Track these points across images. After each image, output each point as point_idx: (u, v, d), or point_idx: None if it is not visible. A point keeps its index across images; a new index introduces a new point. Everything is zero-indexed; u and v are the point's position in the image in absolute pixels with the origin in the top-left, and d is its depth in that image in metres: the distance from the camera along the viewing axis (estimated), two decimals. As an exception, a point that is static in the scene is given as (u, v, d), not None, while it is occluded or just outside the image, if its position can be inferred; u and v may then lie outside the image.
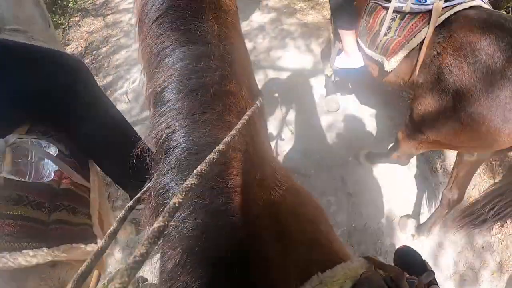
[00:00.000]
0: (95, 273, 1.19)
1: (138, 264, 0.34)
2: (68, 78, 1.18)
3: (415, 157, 2.59)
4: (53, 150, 1.05)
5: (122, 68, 3.74)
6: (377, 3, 1.84)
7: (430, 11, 1.58)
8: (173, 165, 0.56)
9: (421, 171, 2.56)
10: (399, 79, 1.85)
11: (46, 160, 1.05)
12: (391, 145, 2.16)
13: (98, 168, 1.44)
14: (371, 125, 2.85)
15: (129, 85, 3.46)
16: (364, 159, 2.51)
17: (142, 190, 0.64)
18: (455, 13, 1.52)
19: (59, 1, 5.85)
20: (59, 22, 5.27)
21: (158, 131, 0.59)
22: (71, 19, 5.29)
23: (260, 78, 3.22)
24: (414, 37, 1.64)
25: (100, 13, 5.00)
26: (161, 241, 0.45)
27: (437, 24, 1.55)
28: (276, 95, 3.09)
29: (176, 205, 0.41)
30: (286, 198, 0.66)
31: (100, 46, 4.27)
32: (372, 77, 2.16)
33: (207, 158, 0.49)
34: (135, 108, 3.24)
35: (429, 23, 1.57)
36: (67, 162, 1.17)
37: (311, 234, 0.66)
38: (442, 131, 1.55)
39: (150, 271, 1.86)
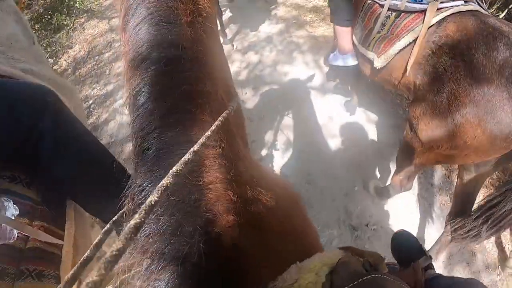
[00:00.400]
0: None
1: (115, 258, 0.36)
2: (33, 116, 1.04)
3: (420, 188, 2.44)
4: (12, 212, 0.92)
5: (124, 77, 3.61)
6: (374, 1, 1.82)
7: (425, 10, 1.55)
8: (147, 166, 0.58)
9: (425, 199, 2.43)
10: (392, 78, 1.81)
11: (10, 218, 0.93)
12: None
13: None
14: (379, 151, 2.69)
15: (130, 96, 3.34)
16: (374, 191, 2.38)
17: (119, 212, 0.62)
18: (451, 14, 1.50)
19: (66, 1, 5.78)
20: (64, 23, 5.19)
21: (134, 134, 0.62)
22: (76, 21, 5.20)
23: (265, 95, 3.09)
24: (407, 35, 1.62)
25: (106, 16, 4.89)
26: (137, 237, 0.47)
27: (432, 24, 1.53)
28: (281, 112, 2.95)
29: (152, 203, 0.43)
30: (263, 194, 0.68)
31: (103, 51, 4.16)
32: (365, 76, 2.14)
33: (183, 158, 0.50)
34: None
35: (423, 22, 1.55)
36: (37, 214, 1.04)
37: (288, 227, 0.69)
38: (437, 136, 1.49)
39: None
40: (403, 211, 2.35)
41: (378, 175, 2.57)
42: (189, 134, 0.60)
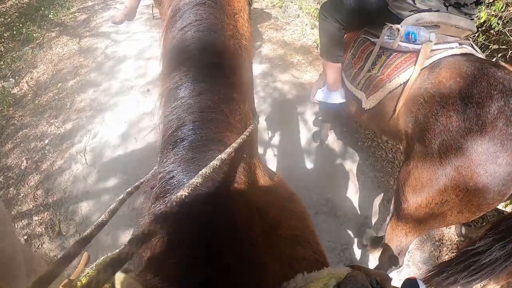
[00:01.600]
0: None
1: (147, 236, 0.46)
2: None
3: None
4: None
5: (84, 114, 3.24)
6: (366, 38, 1.77)
7: (418, 51, 1.51)
8: (180, 155, 0.61)
9: None
10: (381, 122, 1.74)
11: None
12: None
13: None
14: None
15: (89, 140, 2.97)
16: (369, 242, 2.21)
17: (140, 181, 0.70)
18: (445, 57, 1.47)
19: (42, 9, 5.35)
20: (34, 35, 4.77)
21: (169, 121, 0.65)
22: (47, 34, 4.78)
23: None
24: (398, 76, 1.57)
25: (77, 33, 4.50)
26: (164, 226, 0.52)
27: (424, 66, 1.49)
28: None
29: (183, 197, 0.51)
30: (275, 195, 0.77)
31: (67, 77, 3.77)
32: (352, 115, 2.04)
33: (211, 163, 0.57)
34: (92, 174, 2.75)
35: (415, 64, 1.51)
36: None
37: (298, 231, 0.72)
38: (427, 191, 1.40)
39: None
40: None
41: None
42: (221, 134, 0.64)
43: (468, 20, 1.60)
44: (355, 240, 2.29)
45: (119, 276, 0.49)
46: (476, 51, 1.57)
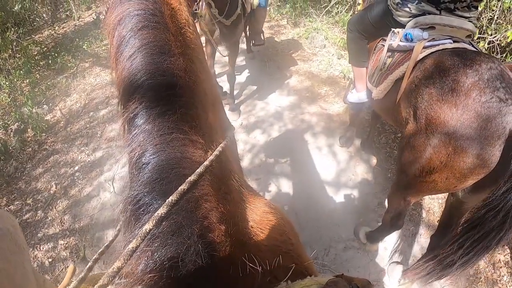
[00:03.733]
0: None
1: (115, 274, 0.53)
2: None
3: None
4: None
5: (115, 143, 3.30)
6: (381, 44, 2.05)
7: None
8: (145, 178, 0.62)
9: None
10: (389, 110, 1.97)
11: None
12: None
13: None
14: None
15: (118, 169, 2.99)
16: (364, 238, 2.35)
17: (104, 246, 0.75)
18: (436, 51, 1.64)
19: (76, 40, 5.63)
20: (69, 64, 4.99)
21: (132, 151, 0.67)
22: (81, 64, 4.99)
23: (270, 188, 2.71)
24: (397, 69, 1.82)
25: (110, 65, 4.67)
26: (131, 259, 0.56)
27: (418, 60, 1.70)
28: (290, 211, 2.55)
29: (147, 231, 0.55)
30: (252, 210, 0.78)
31: (99, 107, 3.88)
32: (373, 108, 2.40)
33: (179, 188, 0.60)
34: (120, 202, 2.75)
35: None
36: None
37: (279, 243, 0.74)
38: (418, 162, 1.56)
39: None
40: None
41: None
42: (183, 151, 0.66)
43: (464, 21, 1.77)
44: (386, 275, 2.20)
45: None
46: (475, 48, 1.73)
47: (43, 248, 2.58)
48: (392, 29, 1.92)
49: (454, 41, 1.72)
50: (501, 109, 1.31)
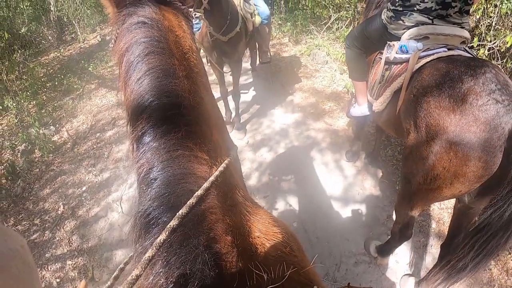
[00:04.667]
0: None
1: (133, 282, 0.57)
2: None
3: None
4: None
5: (122, 164, 3.32)
6: (379, 57, 2.09)
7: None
8: (154, 193, 0.66)
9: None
10: (390, 122, 2.01)
11: None
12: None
13: None
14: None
15: (125, 190, 3.00)
16: (375, 251, 2.32)
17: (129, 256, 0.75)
18: (431, 60, 1.69)
19: (82, 62, 5.72)
20: (75, 86, 5.06)
21: (140, 167, 0.71)
22: (87, 86, 5.06)
23: (278, 206, 2.70)
24: (395, 81, 1.87)
25: (115, 86, 4.73)
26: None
27: (414, 70, 1.75)
28: (299, 228, 2.54)
29: (162, 241, 0.59)
30: (257, 222, 0.78)
31: (105, 128, 3.91)
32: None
33: (188, 202, 0.64)
34: (128, 223, 2.75)
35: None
36: None
37: (283, 254, 0.74)
38: (422, 170, 1.58)
39: None
40: None
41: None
42: (189, 167, 0.70)
43: (456, 28, 1.81)
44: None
45: None
46: (470, 53, 1.76)
47: (51, 268, 2.57)
48: (388, 42, 1.97)
49: (449, 49, 1.75)
50: (499, 110, 1.33)
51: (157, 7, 0.89)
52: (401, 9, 1.89)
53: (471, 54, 1.77)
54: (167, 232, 0.60)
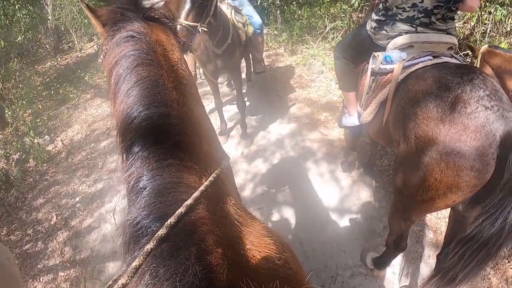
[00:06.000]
0: None
1: None
2: None
3: None
4: None
5: (116, 175, 3.29)
6: (367, 67, 2.07)
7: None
8: (143, 201, 0.66)
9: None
10: (380, 133, 2.00)
11: None
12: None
13: None
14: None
15: (119, 201, 2.98)
16: (371, 263, 2.28)
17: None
18: (416, 69, 1.67)
19: (78, 71, 5.72)
20: (70, 96, 5.05)
21: (129, 176, 0.72)
22: (83, 95, 5.05)
23: (273, 218, 2.68)
24: (381, 92, 1.87)
25: (110, 101, 4.73)
26: None
27: (400, 80, 1.73)
28: (295, 240, 2.51)
29: (149, 250, 0.59)
30: (249, 233, 0.77)
31: (100, 138, 3.90)
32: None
33: (177, 211, 0.64)
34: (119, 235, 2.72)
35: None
36: None
37: (277, 266, 0.73)
38: (413, 182, 1.55)
39: None
40: None
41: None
42: (178, 176, 0.71)
43: (442, 34, 1.80)
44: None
45: None
46: (457, 59, 1.74)
47: (42, 280, 2.53)
48: (373, 53, 1.96)
49: (434, 57, 1.73)
50: (488, 117, 1.30)
51: (145, 23, 0.92)
52: (383, 18, 1.89)
53: (459, 60, 1.75)
54: (155, 241, 0.60)
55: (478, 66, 2.50)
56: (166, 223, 0.61)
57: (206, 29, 2.49)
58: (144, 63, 0.81)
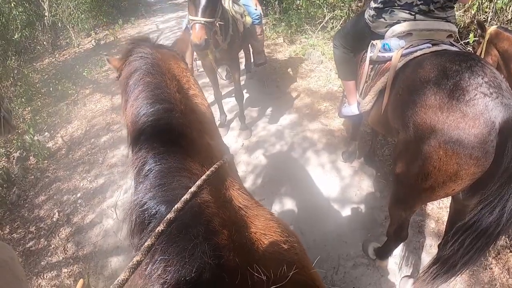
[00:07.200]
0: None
1: (135, 267, 0.59)
2: None
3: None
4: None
5: (116, 169, 3.29)
6: (365, 56, 2.06)
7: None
8: (149, 183, 0.72)
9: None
10: (379, 122, 1.98)
11: None
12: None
13: None
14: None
15: (120, 195, 2.97)
16: (373, 253, 2.28)
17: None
18: (415, 57, 1.66)
19: (77, 67, 5.69)
20: (69, 92, 5.03)
21: (137, 158, 0.80)
22: (81, 91, 5.03)
23: (274, 209, 2.68)
24: (379, 80, 1.85)
25: (110, 91, 4.71)
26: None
27: (398, 68, 1.72)
28: (296, 231, 2.50)
29: (160, 231, 0.63)
30: (255, 217, 0.79)
31: (100, 133, 3.88)
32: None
33: (183, 198, 0.67)
34: (123, 229, 2.71)
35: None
36: None
37: (283, 250, 0.73)
38: (412, 170, 1.54)
39: None
40: None
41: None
42: (183, 162, 0.78)
43: (441, 22, 1.78)
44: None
45: None
46: (456, 47, 1.73)
47: (46, 276, 2.54)
48: (371, 41, 1.95)
49: (433, 44, 1.72)
50: (487, 104, 1.28)
51: (154, 48, 1.13)
52: (381, 6, 1.87)
53: (458, 48, 1.73)
54: (165, 224, 0.64)
55: (484, 46, 2.48)
56: (173, 207, 0.66)
57: (222, 23, 2.51)
58: (150, 74, 0.98)
